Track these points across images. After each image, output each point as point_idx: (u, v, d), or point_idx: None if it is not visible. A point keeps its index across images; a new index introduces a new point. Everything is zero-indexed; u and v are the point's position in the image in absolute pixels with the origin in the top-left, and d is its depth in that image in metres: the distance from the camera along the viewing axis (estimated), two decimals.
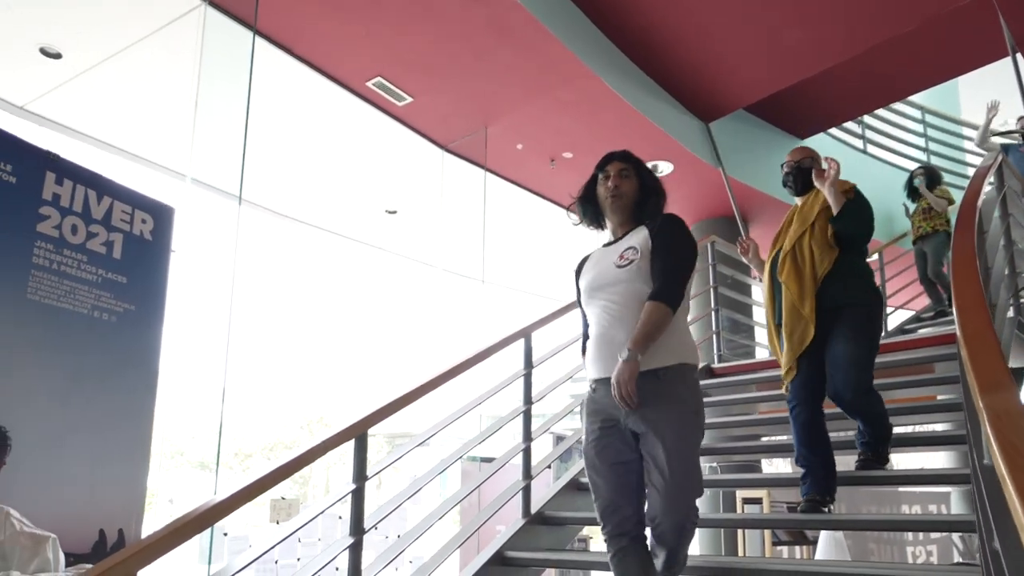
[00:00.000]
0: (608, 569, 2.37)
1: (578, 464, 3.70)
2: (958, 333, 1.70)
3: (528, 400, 3.46)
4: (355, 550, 2.49)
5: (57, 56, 4.69)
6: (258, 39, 4.69)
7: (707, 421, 4.52)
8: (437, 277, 6.96)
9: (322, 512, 2.54)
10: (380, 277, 8.07)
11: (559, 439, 5.72)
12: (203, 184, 5.54)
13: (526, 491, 3.36)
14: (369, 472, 2.59)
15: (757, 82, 6.38)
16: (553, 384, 3.66)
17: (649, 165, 6.66)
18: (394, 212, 6.92)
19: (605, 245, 2.50)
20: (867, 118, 9.19)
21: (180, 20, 4.47)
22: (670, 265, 2.29)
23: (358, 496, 2.53)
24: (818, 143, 7.91)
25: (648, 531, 2.27)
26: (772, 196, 7.08)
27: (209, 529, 2.19)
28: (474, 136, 5.98)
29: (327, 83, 5.16)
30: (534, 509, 3.36)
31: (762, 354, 5.95)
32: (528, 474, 3.39)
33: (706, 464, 6.18)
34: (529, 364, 3.48)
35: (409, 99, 5.46)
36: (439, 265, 6.98)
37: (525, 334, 3.50)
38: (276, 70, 4.98)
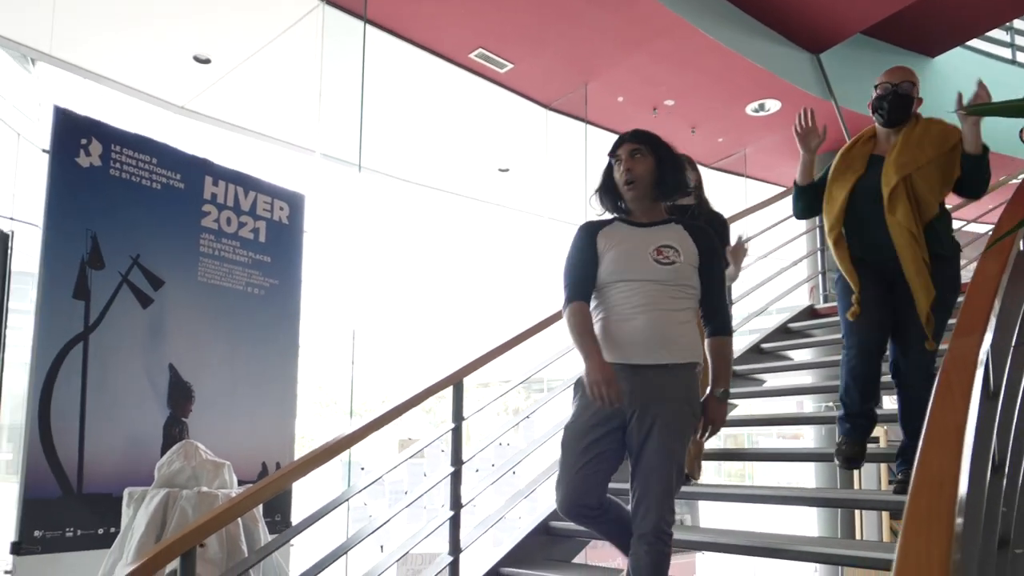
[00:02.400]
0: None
1: None
2: None
3: None
4: (455, 478, 3.05)
5: (207, 61, 5.46)
6: (368, 27, 5.23)
7: (811, 360, 4.76)
8: (545, 227, 7.40)
9: (428, 445, 3.12)
10: (494, 231, 8.63)
11: None
12: (330, 157, 6.25)
13: None
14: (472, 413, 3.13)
15: (875, 3, 6.07)
16: None
17: (755, 105, 6.82)
18: (506, 170, 7.39)
19: (630, 223, 2.36)
20: (1018, 22, 8.38)
21: (302, 20, 5.08)
22: (722, 294, 2.37)
23: (456, 434, 3.08)
24: (954, 60, 7.43)
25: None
26: None
27: (345, 457, 2.84)
28: (575, 93, 6.27)
29: (433, 59, 5.63)
30: None
31: None
32: None
33: (821, 403, 6.31)
34: None
35: (510, 66, 5.82)
36: (546, 215, 7.42)
37: None
38: (386, 53, 5.50)
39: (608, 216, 2.41)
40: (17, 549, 2.61)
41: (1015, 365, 1.73)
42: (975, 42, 7.90)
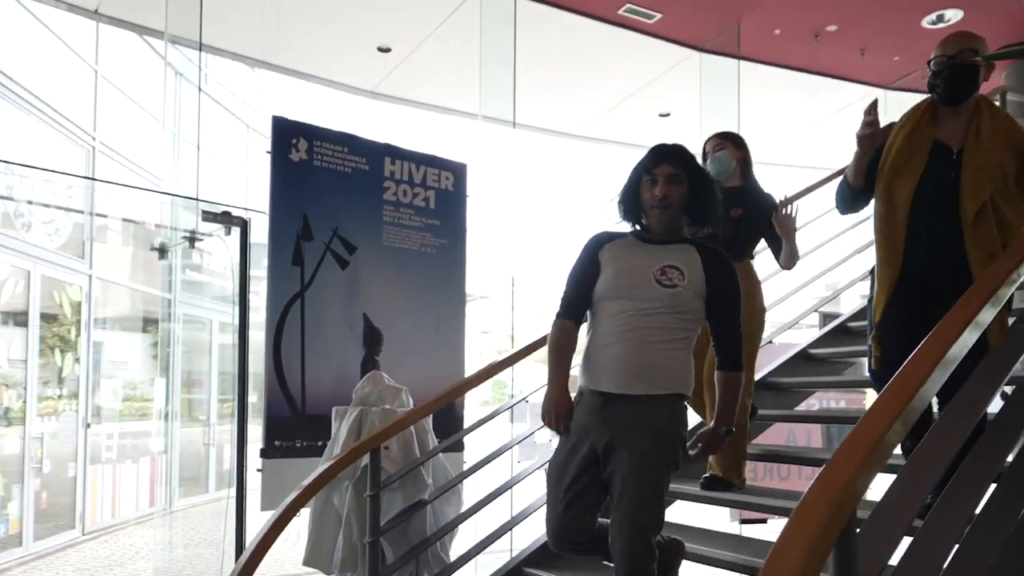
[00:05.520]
0: None
1: None
2: None
3: None
4: None
5: (387, 50, 6.26)
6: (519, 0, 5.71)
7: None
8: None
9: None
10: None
11: None
12: (491, 119, 6.88)
13: None
14: None
15: None
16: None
17: (932, 16, 6.36)
18: (667, 115, 7.58)
19: (639, 237, 2.25)
20: None
21: (461, 6, 5.68)
22: (736, 330, 2.19)
23: None
24: None
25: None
26: None
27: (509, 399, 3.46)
28: (727, 33, 6.30)
29: (582, 19, 5.98)
30: None
31: None
32: None
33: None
34: None
35: (659, 15, 6.01)
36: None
37: None
38: (538, 20, 5.95)
39: (622, 227, 2.29)
40: (264, 454, 3.54)
41: None
42: None
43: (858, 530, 1.38)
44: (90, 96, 8.39)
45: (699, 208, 2.20)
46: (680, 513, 3.15)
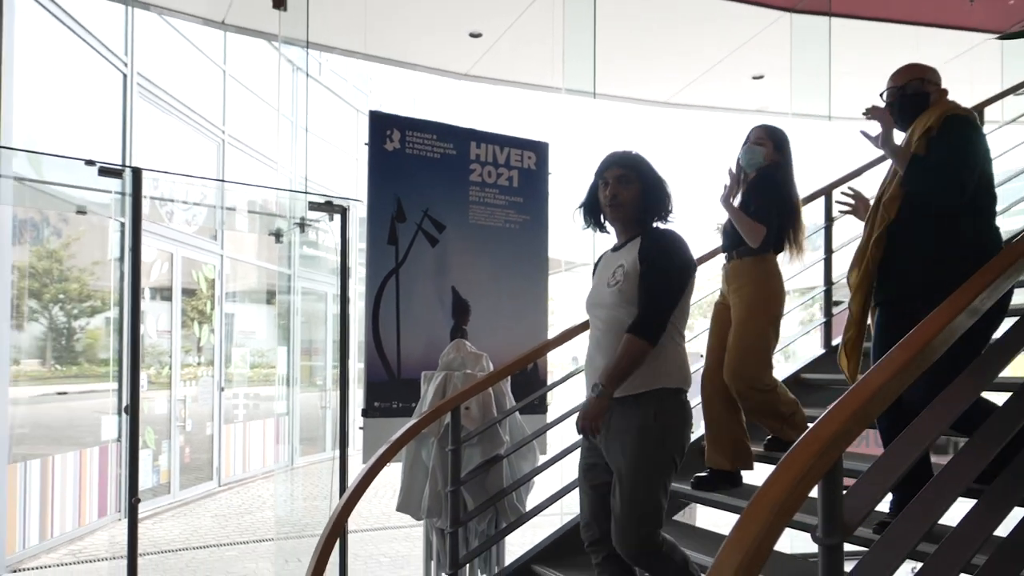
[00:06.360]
0: None
1: None
2: None
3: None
4: None
5: (478, 35, 6.55)
6: None
7: None
8: (787, 123, 7.44)
9: None
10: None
11: None
12: (574, 91, 7.03)
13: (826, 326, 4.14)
14: None
15: None
16: None
17: None
18: (760, 77, 7.49)
19: (613, 248, 2.47)
20: None
21: None
22: (652, 296, 2.23)
23: None
24: None
25: None
26: None
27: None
28: None
29: None
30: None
31: None
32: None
33: None
34: None
35: None
36: (790, 111, 7.39)
37: None
38: None
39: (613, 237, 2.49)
40: (366, 413, 3.97)
41: None
42: None
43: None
44: (219, 94, 9.22)
45: (649, 204, 2.36)
46: None
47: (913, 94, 2.44)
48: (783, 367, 3.94)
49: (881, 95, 2.55)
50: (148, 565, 5.58)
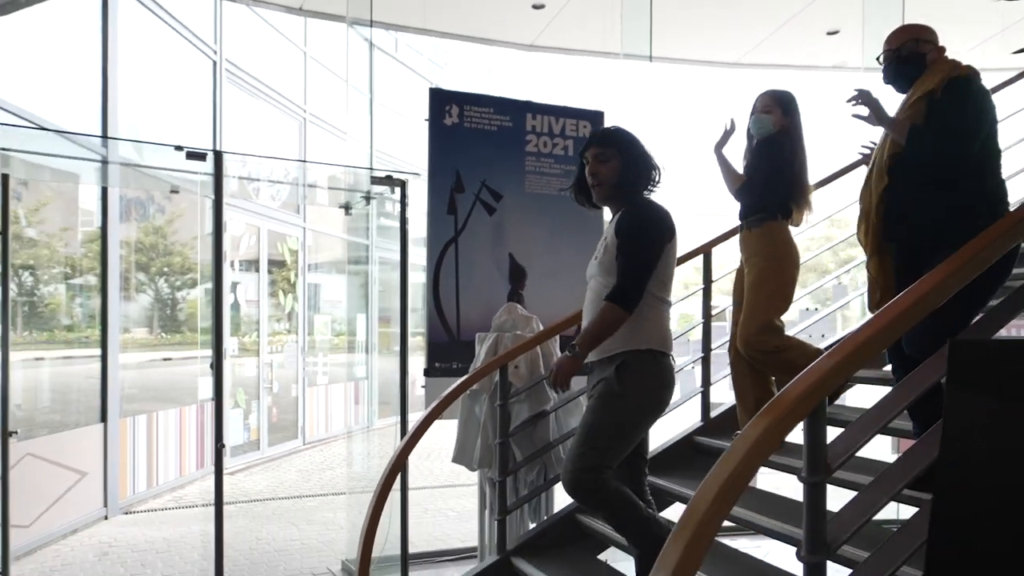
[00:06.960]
0: None
1: None
2: None
3: None
4: (705, 329, 3.86)
5: (541, 7, 6.65)
6: None
7: None
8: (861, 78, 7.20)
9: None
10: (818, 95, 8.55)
11: None
12: (631, 55, 7.02)
13: None
14: None
15: None
16: None
17: None
18: (835, 32, 7.28)
19: (610, 223, 2.64)
20: None
21: None
22: (627, 266, 2.35)
23: (706, 294, 3.87)
24: None
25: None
26: None
27: None
28: None
29: None
30: None
31: None
32: None
33: None
34: None
35: None
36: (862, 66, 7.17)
37: None
38: None
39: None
40: (428, 373, 4.24)
41: None
42: None
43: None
44: (300, 75, 9.68)
45: (630, 178, 2.46)
46: None
47: (908, 55, 2.44)
48: None
49: (877, 59, 2.57)
50: (238, 512, 6.12)
